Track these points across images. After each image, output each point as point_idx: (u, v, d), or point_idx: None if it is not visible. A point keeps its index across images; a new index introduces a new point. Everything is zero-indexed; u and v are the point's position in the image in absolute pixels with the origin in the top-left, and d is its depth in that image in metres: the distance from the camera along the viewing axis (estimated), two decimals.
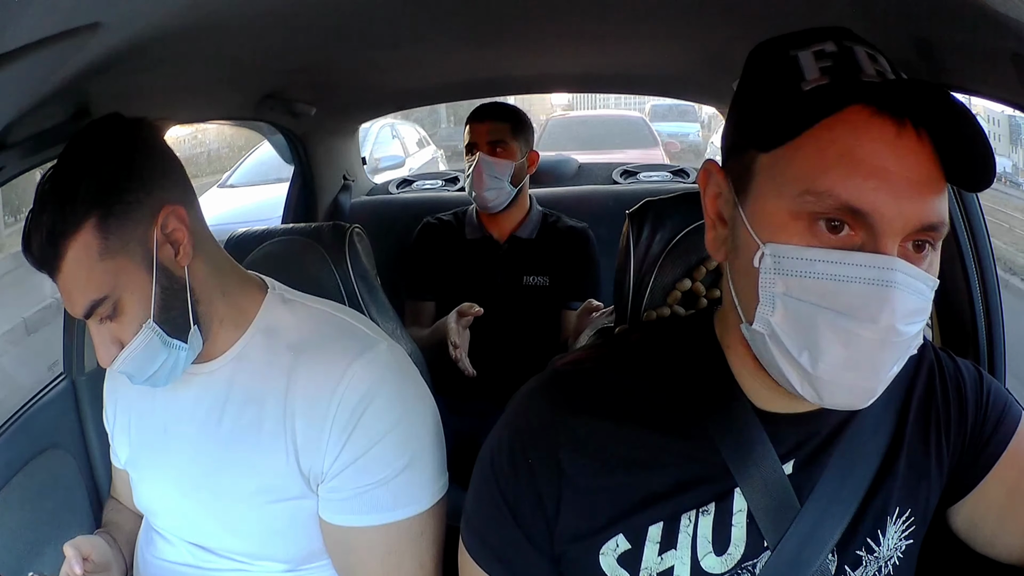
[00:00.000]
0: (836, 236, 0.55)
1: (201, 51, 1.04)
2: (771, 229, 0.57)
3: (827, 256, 0.54)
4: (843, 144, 0.54)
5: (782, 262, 0.56)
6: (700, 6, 1.09)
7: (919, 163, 0.54)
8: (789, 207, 0.56)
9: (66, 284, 0.80)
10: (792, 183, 0.55)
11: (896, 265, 0.53)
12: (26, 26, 0.58)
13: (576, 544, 0.66)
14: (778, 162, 0.57)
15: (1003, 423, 0.71)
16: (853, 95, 0.54)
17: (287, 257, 1.14)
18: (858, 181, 0.53)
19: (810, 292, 0.55)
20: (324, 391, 0.85)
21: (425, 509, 0.88)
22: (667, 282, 0.88)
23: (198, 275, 0.87)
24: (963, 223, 1.05)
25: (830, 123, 0.54)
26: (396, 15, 1.13)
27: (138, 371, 0.84)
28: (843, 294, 0.54)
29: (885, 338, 0.54)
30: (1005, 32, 0.65)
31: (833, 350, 0.54)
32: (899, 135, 0.53)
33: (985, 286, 1.04)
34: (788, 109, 0.56)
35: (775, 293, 0.56)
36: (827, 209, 0.54)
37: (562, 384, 0.71)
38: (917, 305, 0.55)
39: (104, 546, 0.95)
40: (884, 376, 0.56)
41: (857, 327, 0.54)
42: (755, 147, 0.58)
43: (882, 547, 0.68)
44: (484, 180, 1.70)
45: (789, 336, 0.56)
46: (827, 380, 0.56)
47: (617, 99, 14.03)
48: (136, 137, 0.85)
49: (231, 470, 0.88)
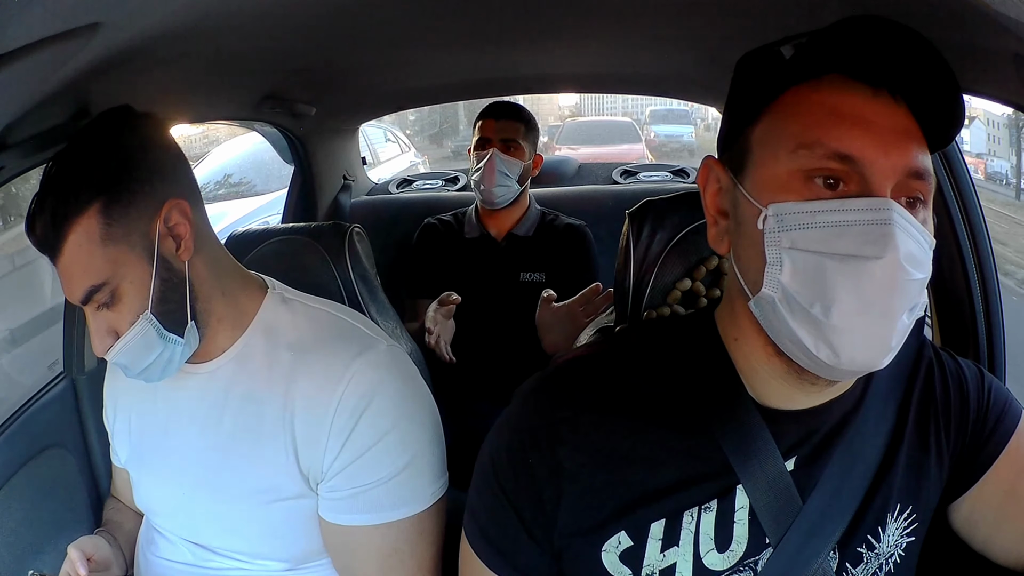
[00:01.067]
0: (833, 191, 0.58)
1: (201, 51, 1.04)
2: (771, 192, 0.59)
3: (826, 206, 0.57)
4: (828, 103, 0.58)
5: (785, 219, 0.58)
6: (700, 7, 1.09)
7: (897, 117, 0.58)
8: (786, 167, 0.59)
9: (66, 267, 0.81)
10: (785, 144, 0.59)
11: (891, 205, 0.56)
12: (26, 26, 0.58)
13: (578, 540, 0.67)
14: (770, 130, 0.61)
15: (1003, 422, 0.71)
16: (831, 62, 0.59)
17: (287, 256, 1.14)
18: (843, 130, 0.57)
19: (815, 241, 0.56)
20: (324, 391, 0.85)
21: (425, 508, 0.88)
22: (667, 282, 0.88)
23: (198, 271, 0.87)
24: (963, 223, 1.05)
25: (813, 86, 0.59)
26: (396, 15, 1.13)
27: (132, 363, 0.84)
28: (846, 237, 0.56)
29: (893, 275, 0.55)
30: (1005, 32, 0.65)
31: (844, 295, 0.56)
32: (875, 95, 0.58)
33: (985, 286, 1.04)
34: (773, 74, 0.62)
35: (781, 250, 0.58)
36: (819, 160, 0.57)
37: (563, 380, 0.71)
38: (917, 253, 0.56)
39: (105, 546, 0.95)
40: (896, 324, 0.56)
41: (864, 265, 0.55)
42: (747, 123, 0.63)
43: (883, 544, 0.68)
44: (496, 177, 1.74)
45: (799, 291, 0.57)
46: (841, 328, 0.56)
47: (622, 101, 14.92)
48: (145, 130, 0.86)
49: (231, 469, 0.89)
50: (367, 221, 2.02)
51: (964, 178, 1.05)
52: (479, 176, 1.76)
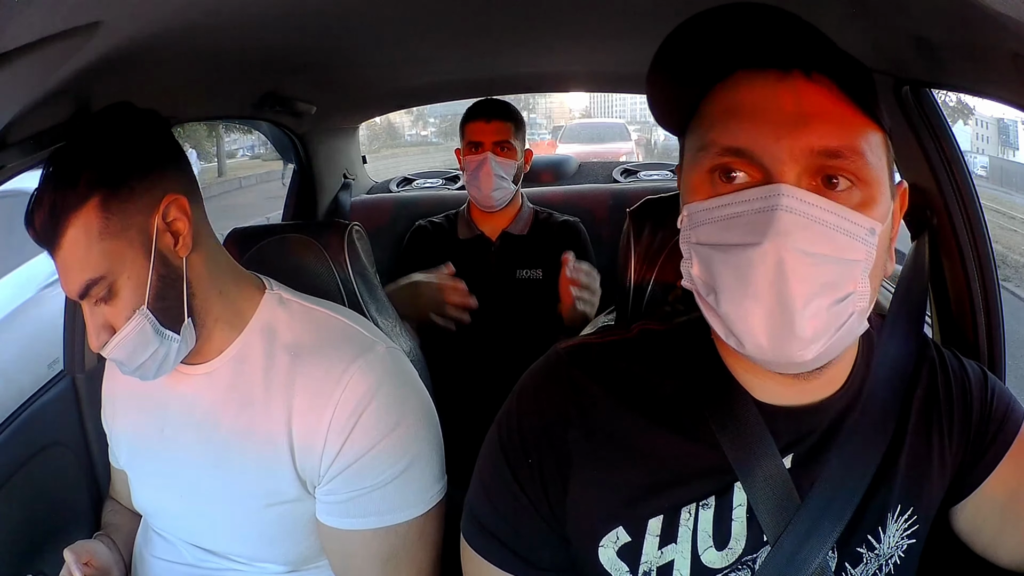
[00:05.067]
0: (732, 183, 0.58)
1: (201, 50, 1.04)
2: (688, 194, 0.62)
3: (721, 201, 0.58)
4: (725, 103, 0.60)
5: (693, 217, 0.60)
6: (700, 6, 1.09)
7: (803, 98, 0.57)
8: (696, 171, 0.61)
9: (64, 261, 0.81)
10: (692, 149, 0.62)
11: (781, 190, 0.55)
12: (27, 25, 0.58)
13: (576, 536, 0.67)
14: (687, 137, 0.64)
15: (1006, 425, 0.71)
16: (733, 62, 0.59)
17: (286, 254, 1.14)
18: (733, 126, 0.58)
19: (710, 235, 0.59)
20: (322, 394, 0.85)
21: (424, 512, 0.87)
22: (668, 280, 0.88)
23: (196, 269, 0.87)
24: (963, 223, 1.05)
25: (716, 91, 0.60)
26: (397, 14, 1.13)
27: (128, 358, 0.84)
28: (734, 228, 0.57)
29: (778, 260, 0.54)
30: (1005, 32, 0.65)
31: (729, 282, 0.56)
32: (780, 81, 0.57)
33: (985, 286, 1.04)
34: (680, 94, 0.63)
35: (690, 245, 0.61)
36: (714, 158, 0.59)
37: (574, 364, 0.70)
38: (821, 233, 0.55)
39: (104, 550, 0.95)
40: (800, 312, 0.54)
41: (743, 253, 0.55)
42: (680, 135, 0.66)
43: (883, 545, 0.68)
44: (493, 181, 1.72)
45: (701, 282, 0.60)
46: (733, 315, 0.57)
47: (631, 103, 15.50)
48: (145, 126, 0.86)
49: (228, 472, 0.88)
50: (367, 219, 2.02)
51: (965, 177, 1.04)
52: (475, 181, 1.74)
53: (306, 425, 0.85)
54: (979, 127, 5.82)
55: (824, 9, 0.86)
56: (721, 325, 0.59)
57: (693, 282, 0.61)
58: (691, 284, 0.62)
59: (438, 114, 16.51)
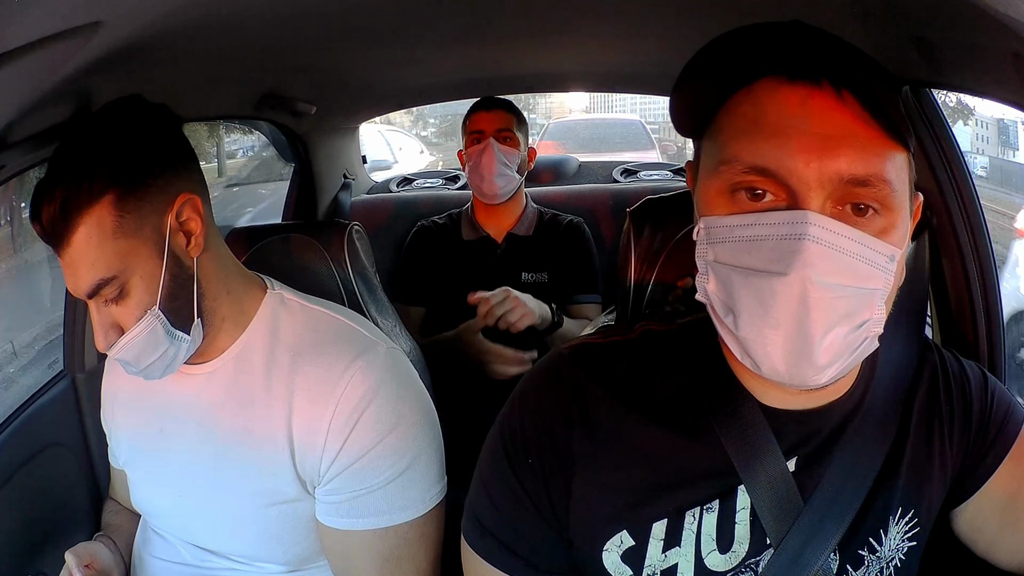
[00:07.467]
0: (758, 203, 0.57)
1: (202, 50, 1.04)
2: (706, 205, 0.60)
3: (744, 220, 0.56)
4: (750, 114, 0.57)
5: (711, 232, 0.58)
6: (701, 5, 1.09)
7: (831, 119, 0.54)
8: (715, 183, 0.59)
9: (73, 260, 0.78)
10: (712, 159, 0.59)
11: (809, 218, 0.53)
12: (27, 25, 0.58)
13: (579, 539, 0.66)
14: (705, 143, 0.61)
15: (1006, 427, 0.71)
16: (761, 68, 0.57)
17: (287, 254, 1.14)
18: (759, 143, 0.55)
19: (730, 255, 0.57)
20: (322, 394, 0.85)
21: (423, 513, 0.87)
22: (669, 280, 0.88)
23: (206, 269, 0.86)
24: (963, 222, 1.05)
25: (740, 98, 0.58)
26: (397, 13, 1.13)
27: (136, 359, 0.83)
28: (757, 251, 0.55)
29: (803, 293, 0.53)
30: (1005, 32, 0.65)
31: (750, 307, 0.55)
32: (810, 96, 0.55)
33: (985, 286, 1.04)
34: (704, 93, 0.61)
35: (707, 262, 0.59)
36: (738, 175, 0.56)
37: (578, 364, 0.70)
38: (848, 266, 0.54)
39: (105, 552, 0.95)
40: (818, 342, 0.54)
41: (768, 282, 0.54)
42: (696, 138, 0.64)
43: (884, 547, 0.68)
44: (495, 167, 1.70)
45: (718, 301, 0.58)
46: (751, 340, 0.56)
47: (631, 103, 14.95)
48: (161, 122, 0.85)
49: (228, 472, 0.88)
50: (367, 219, 2.02)
51: (965, 177, 1.04)
52: (478, 169, 1.71)
53: (306, 425, 0.85)
54: (979, 127, 5.83)
55: (824, 9, 0.86)
56: (738, 346, 0.58)
57: (709, 298, 0.59)
58: (706, 299, 0.60)
59: (438, 114, 16.47)
